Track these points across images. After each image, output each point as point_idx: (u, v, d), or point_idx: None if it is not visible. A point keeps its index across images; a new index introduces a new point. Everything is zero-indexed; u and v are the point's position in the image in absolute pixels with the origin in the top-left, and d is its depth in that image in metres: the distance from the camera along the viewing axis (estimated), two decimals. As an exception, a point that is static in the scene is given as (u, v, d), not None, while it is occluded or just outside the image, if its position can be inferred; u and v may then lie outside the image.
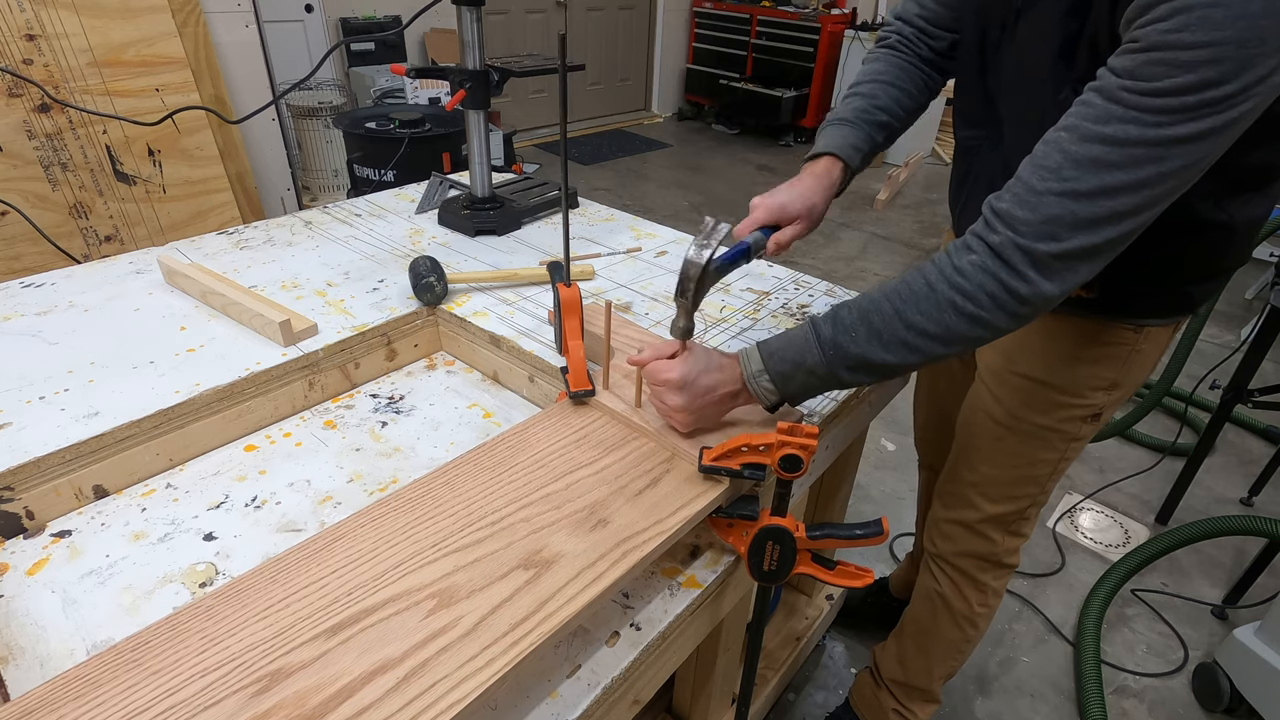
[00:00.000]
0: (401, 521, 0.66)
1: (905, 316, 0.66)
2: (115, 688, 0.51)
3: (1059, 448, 0.93)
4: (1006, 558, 1.05)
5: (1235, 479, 2.19)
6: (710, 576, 0.74)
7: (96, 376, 0.89)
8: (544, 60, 1.38)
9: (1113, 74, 0.57)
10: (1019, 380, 0.90)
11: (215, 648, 0.54)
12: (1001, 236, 0.62)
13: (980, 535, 1.03)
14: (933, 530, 1.12)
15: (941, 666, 1.21)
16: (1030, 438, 0.93)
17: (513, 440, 0.78)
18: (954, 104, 0.93)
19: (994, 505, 1.00)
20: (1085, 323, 0.85)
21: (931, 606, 1.15)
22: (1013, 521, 1.01)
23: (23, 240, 1.88)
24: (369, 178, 2.75)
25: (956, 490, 1.03)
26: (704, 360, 0.74)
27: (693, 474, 0.74)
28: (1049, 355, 0.87)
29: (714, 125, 6.03)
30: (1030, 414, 0.91)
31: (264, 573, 0.60)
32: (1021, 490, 0.97)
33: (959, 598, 1.10)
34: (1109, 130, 0.57)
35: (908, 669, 1.24)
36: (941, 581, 1.11)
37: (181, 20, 2.10)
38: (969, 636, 1.14)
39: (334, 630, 0.55)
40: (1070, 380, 0.87)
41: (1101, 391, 0.87)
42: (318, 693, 0.51)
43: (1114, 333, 0.84)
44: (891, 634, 1.28)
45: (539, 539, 0.65)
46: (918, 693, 1.25)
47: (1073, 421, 0.90)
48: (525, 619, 0.57)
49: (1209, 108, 0.53)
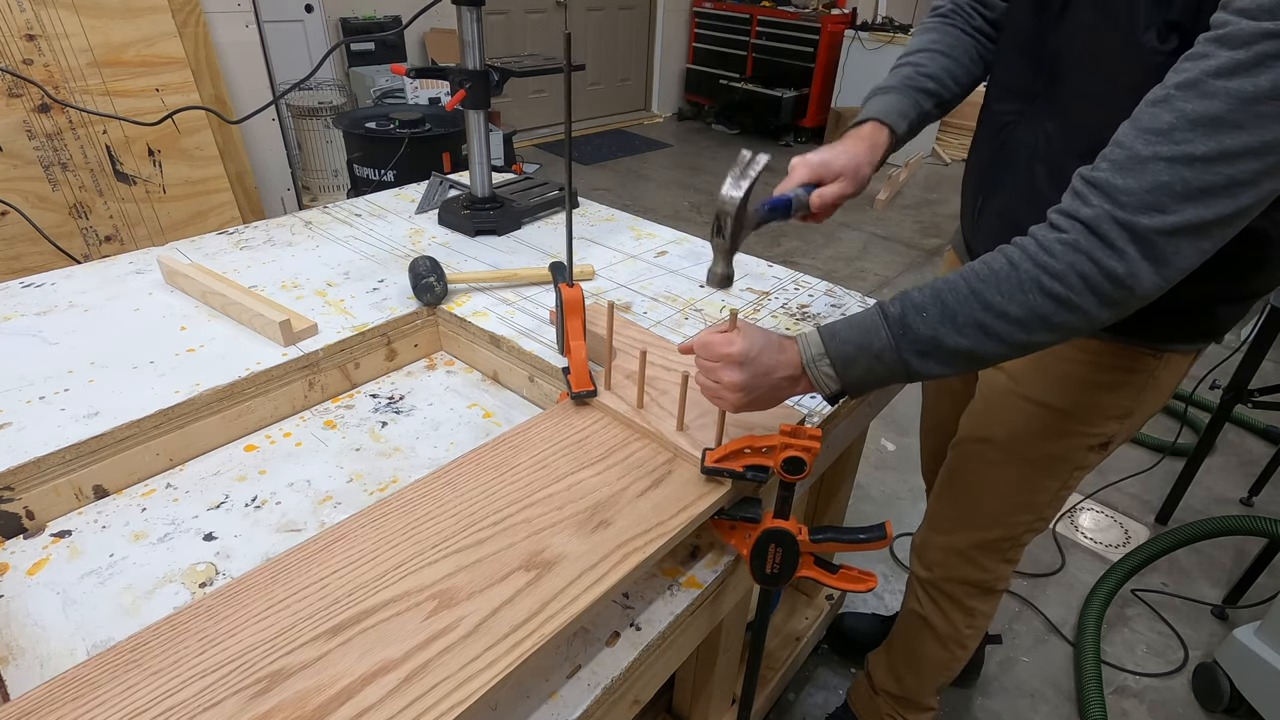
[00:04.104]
0: (402, 522, 0.66)
1: (983, 296, 0.58)
2: (115, 688, 0.51)
3: (1062, 476, 0.87)
4: (998, 584, 1.02)
5: (1235, 479, 2.19)
6: (710, 577, 0.74)
7: (96, 376, 0.89)
8: (544, 60, 1.38)
9: (1242, 15, 0.49)
10: (1025, 404, 0.84)
11: (215, 648, 0.54)
12: (1096, 209, 0.54)
13: (971, 562, 0.98)
14: (922, 554, 1.07)
15: (932, 682, 1.19)
16: (1032, 465, 0.87)
17: (514, 441, 0.78)
18: (992, 74, 0.88)
19: (988, 531, 0.95)
20: (1102, 345, 0.79)
21: (916, 628, 1.11)
22: (1008, 549, 0.97)
23: (23, 240, 1.88)
24: (369, 178, 2.75)
25: (948, 513, 0.99)
26: (763, 338, 0.67)
27: (694, 475, 0.74)
28: (1062, 380, 0.81)
29: (714, 125, 6.03)
30: (1035, 441, 0.85)
31: (264, 573, 0.60)
32: (1019, 517, 0.93)
33: (945, 622, 1.07)
34: (1234, 84, 0.48)
35: (900, 682, 1.22)
36: (925, 605, 1.07)
37: (181, 20, 2.10)
38: (957, 656, 1.12)
39: (334, 631, 0.55)
40: (1082, 407, 0.81)
41: (1114, 420, 0.81)
42: (318, 694, 0.51)
43: (1133, 358, 0.78)
44: (883, 644, 1.27)
45: (540, 540, 0.65)
46: (911, 704, 1.24)
47: (1080, 451, 0.84)
48: (527, 620, 0.57)
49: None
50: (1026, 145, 0.79)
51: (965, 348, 0.60)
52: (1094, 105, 0.67)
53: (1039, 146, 0.76)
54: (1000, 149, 0.83)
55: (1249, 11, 0.49)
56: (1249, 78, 0.48)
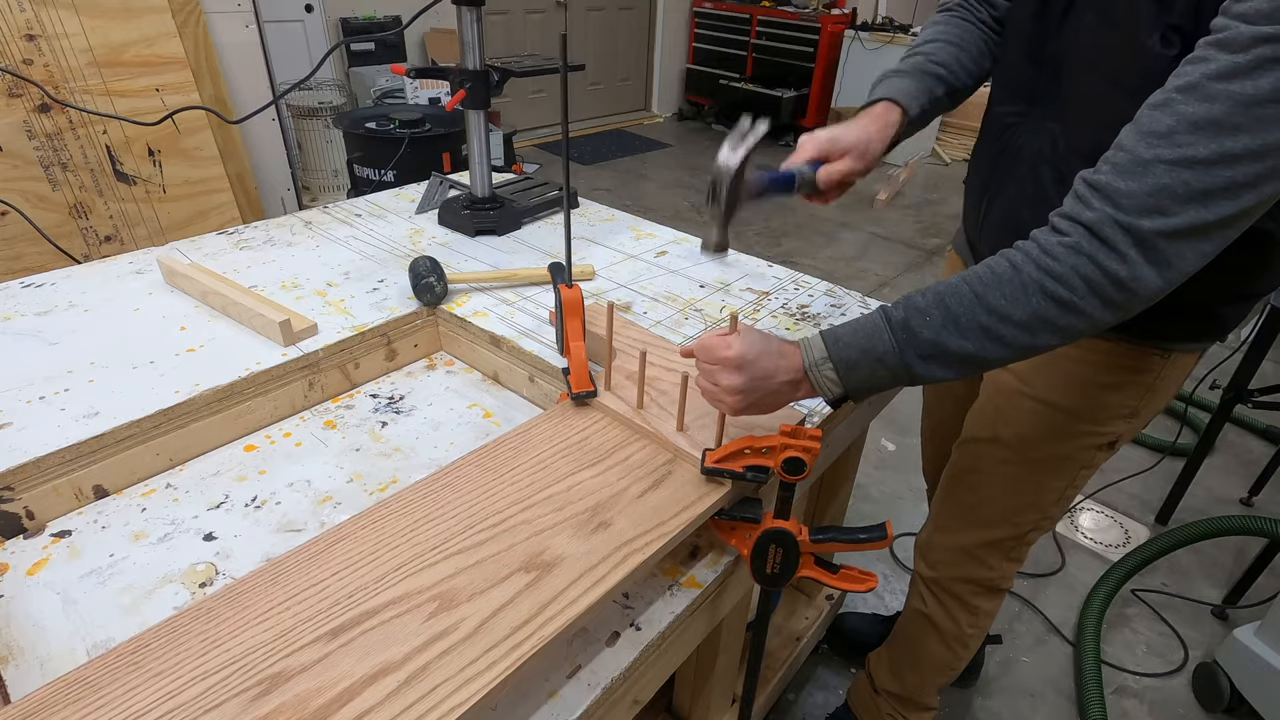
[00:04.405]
0: (402, 524, 0.66)
1: (986, 300, 0.59)
2: (116, 690, 0.51)
3: (1069, 475, 0.88)
4: (1002, 583, 1.02)
5: (1235, 479, 2.19)
6: (710, 577, 0.74)
7: (96, 376, 0.89)
8: (544, 60, 1.38)
9: (1241, 20, 0.50)
10: (1033, 404, 0.85)
11: (216, 650, 0.54)
12: (1098, 213, 0.55)
13: (977, 560, 0.99)
14: (926, 553, 1.07)
15: (933, 682, 1.20)
16: (1039, 465, 0.88)
17: (514, 442, 0.78)
18: (994, 76, 0.88)
19: (994, 531, 0.96)
20: (1109, 346, 0.80)
21: (920, 627, 1.12)
22: (1013, 548, 0.97)
23: (23, 240, 1.88)
24: (369, 178, 2.75)
25: (953, 513, 0.99)
26: (762, 343, 0.67)
27: (695, 476, 0.74)
28: (1070, 380, 0.82)
29: (714, 125, 6.03)
30: (1043, 441, 0.86)
31: (264, 575, 0.60)
32: (1025, 516, 0.93)
33: (949, 620, 1.07)
34: (1234, 87, 0.50)
35: (902, 682, 1.23)
36: (930, 604, 1.08)
37: (181, 20, 2.10)
38: (960, 655, 1.12)
39: (335, 633, 0.55)
40: (1090, 407, 0.82)
41: (1121, 420, 0.83)
42: (319, 695, 0.51)
43: (1139, 358, 0.79)
44: (885, 644, 1.27)
45: (540, 541, 0.65)
46: (913, 704, 1.25)
47: (1087, 450, 0.85)
48: (527, 622, 0.57)
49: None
50: (1030, 148, 0.79)
51: (969, 351, 0.60)
52: (1096, 108, 0.67)
53: (1043, 149, 0.76)
54: (1003, 151, 0.83)
55: (1248, 16, 0.49)
56: (1249, 80, 0.49)
